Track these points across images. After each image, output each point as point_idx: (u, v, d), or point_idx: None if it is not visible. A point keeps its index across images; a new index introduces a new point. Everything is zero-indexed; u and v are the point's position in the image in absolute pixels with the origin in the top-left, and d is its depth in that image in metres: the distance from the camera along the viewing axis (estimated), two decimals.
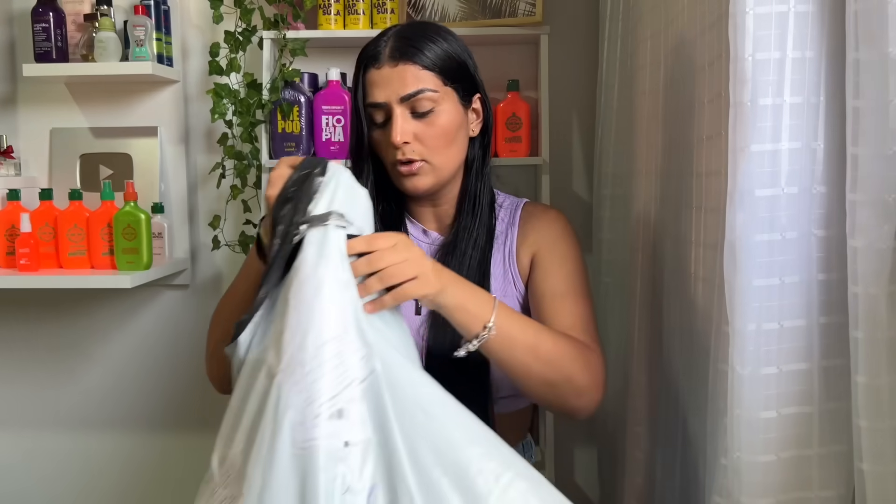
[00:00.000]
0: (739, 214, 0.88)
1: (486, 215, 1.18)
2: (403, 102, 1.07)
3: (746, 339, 0.89)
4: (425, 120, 1.09)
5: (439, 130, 1.09)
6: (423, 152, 1.10)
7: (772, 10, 0.85)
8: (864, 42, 0.78)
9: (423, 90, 1.07)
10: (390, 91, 1.07)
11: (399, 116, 1.07)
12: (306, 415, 0.76)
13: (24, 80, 1.92)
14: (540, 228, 1.20)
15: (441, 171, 1.12)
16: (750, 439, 0.90)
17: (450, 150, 1.12)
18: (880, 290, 0.79)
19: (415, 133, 1.08)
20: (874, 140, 0.78)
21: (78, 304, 2.06)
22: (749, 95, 0.86)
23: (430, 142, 1.09)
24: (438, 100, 1.09)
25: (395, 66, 1.07)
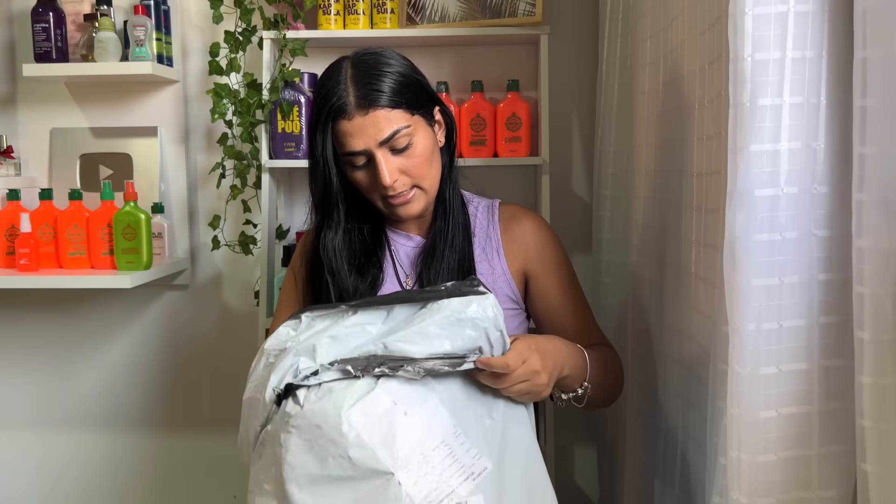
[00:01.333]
0: (739, 214, 0.88)
1: (460, 216, 1.23)
2: (383, 146, 1.11)
3: (746, 339, 0.89)
4: (405, 154, 1.13)
5: (420, 159, 1.14)
6: (413, 181, 1.15)
7: (771, 10, 0.85)
8: (873, 40, 0.77)
9: (398, 130, 1.11)
10: (368, 138, 1.10)
11: (382, 160, 1.11)
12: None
13: (24, 80, 1.92)
14: (526, 236, 1.25)
15: (431, 190, 1.18)
16: (749, 439, 0.90)
17: (433, 169, 1.17)
18: (886, 290, 0.78)
19: (399, 168, 1.12)
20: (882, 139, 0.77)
21: (78, 304, 2.06)
22: (748, 96, 0.86)
23: (415, 171, 1.14)
24: (412, 132, 1.13)
25: (365, 115, 1.10)
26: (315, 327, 1.02)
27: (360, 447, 0.90)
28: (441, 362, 0.95)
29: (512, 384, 0.99)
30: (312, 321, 1.04)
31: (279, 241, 1.95)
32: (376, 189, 1.15)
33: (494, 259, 1.24)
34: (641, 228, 1.45)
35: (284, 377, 0.97)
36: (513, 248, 1.24)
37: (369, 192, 1.17)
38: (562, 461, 2.03)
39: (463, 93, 1.92)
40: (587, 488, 2.08)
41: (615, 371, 1.23)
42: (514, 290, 1.25)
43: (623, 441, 1.54)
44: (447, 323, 0.96)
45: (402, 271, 1.24)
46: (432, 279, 1.18)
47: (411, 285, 1.23)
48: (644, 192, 1.44)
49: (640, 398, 1.44)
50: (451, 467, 0.92)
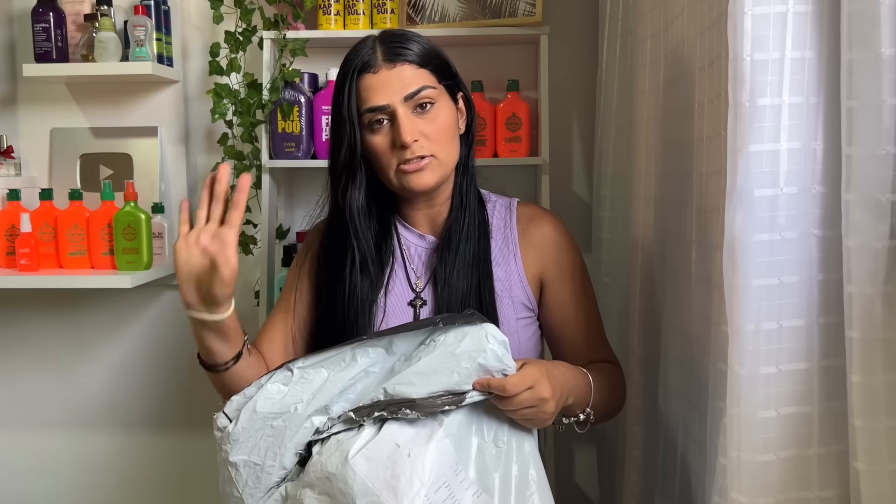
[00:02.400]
0: (739, 214, 0.88)
1: (477, 211, 1.19)
2: (407, 101, 1.08)
3: (745, 339, 0.89)
4: (428, 116, 1.09)
5: (442, 125, 1.10)
6: (431, 148, 1.10)
7: (770, 10, 0.85)
8: (858, 43, 0.78)
9: (424, 87, 1.08)
10: (392, 92, 1.08)
11: (404, 116, 1.08)
12: None
13: (25, 80, 1.92)
14: (545, 241, 1.21)
15: (446, 165, 1.13)
16: (749, 438, 0.90)
17: (452, 146, 1.13)
18: (875, 289, 0.79)
19: (420, 131, 1.09)
20: (868, 140, 0.78)
21: (78, 304, 2.06)
22: (748, 96, 0.86)
23: (435, 136, 1.10)
24: (437, 96, 1.10)
25: (392, 68, 1.08)
26: (312, 381, 1.00)
27: (364, 494, 0.91)
28: (442, 400, 0.95)
29: (517, 408, 0.97)
30: (305, 372, 1.01)
31: (279, 241, 1.95)
32: (394, 153, 1.10)
33: (511, 263, 1.19)
34: (641, 228, 1.45)
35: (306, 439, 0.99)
36: (530, 252, 1.20)
37: (385, 158, 1.11)
38: (562, 461, 2.03)
39: None
40: (587, 488, 2.08)
41: (618, 393, 1.21)
42: (530, 296, 1.20)
43: (623, 441, 1.54)
44: (443, 359, 0.95)
45: (413, 271, 1.20)
46: (447, 275, 1.14)
47: (422, 286, 1.18)
48: (644, 192, 1.44)
49: (640, 398, 1.44)
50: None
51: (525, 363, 1.00)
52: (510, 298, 1.17)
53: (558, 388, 1.01)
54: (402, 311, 1.17)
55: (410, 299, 1.17)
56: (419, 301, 1.17)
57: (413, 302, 1.17)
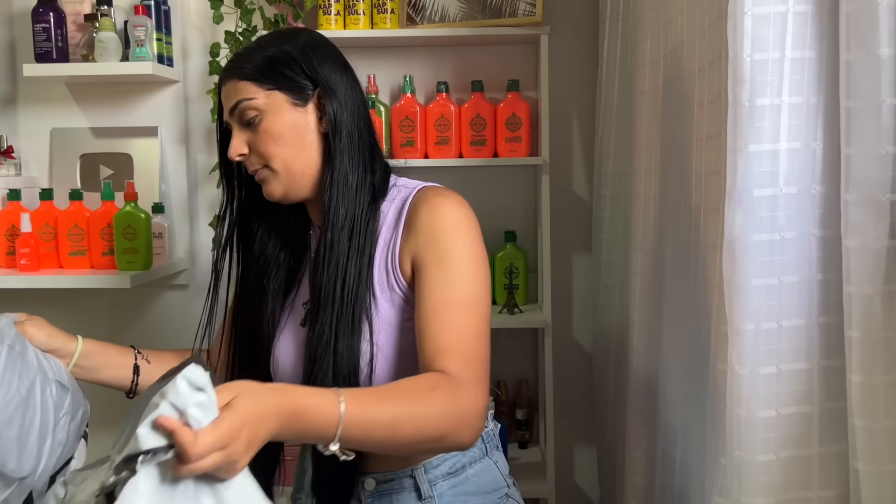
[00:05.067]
0: (738, 214, 0.88)
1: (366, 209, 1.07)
2: (233, 117, 1.06)
3: (745, 339, 0.89)
4: (252, 129, 1.06)
5: (265, 135, 1.05)
6: (259, 160, 1.06)
7: (770, 10, 0.85)
8: (856, 43, 0.78)
9: (239, 101, 1.05)
10: (225, 109, 1.08)
11: (235, 134, 1.06)
12: None
13: (25, 80, 1.92)
14: (420, 223, 1.04)
15: (284, 174, 1.06)
16: (749, 439, 0.90)
17: (286, 152, 1.05)
18: (875, 289, 0.79)
19: (248, 144, 1.06)
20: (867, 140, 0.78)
21: (78, 304, 2.06)
22: (747, 96, 0.86)
23: (260, 148, 1.05)
24: (259, 106, 1.05)
25: (224, 85, 1.07)
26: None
27: None
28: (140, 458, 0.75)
29: (201, 468, 0.74)
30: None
31: None
32: None
33: (389, 263, 1.06)
34: (641, 228, 1.45)
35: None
36: (406, 244, 1.05)
37: None
38: (562, 461, 2.03)
39: (463, 93, 1.92)
40: (587, 488, 2.08)
41: (431, 420, 0.89)
42: (408, 292, 1.05)
43: (623, 441, 1.54)
44: (149, 412, 0.78)
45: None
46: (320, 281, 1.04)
47: None
48: (644, 192, 1.44)
49: (640, 398, 1.44)
50: None
51: (227, 406, 0.76)
52: (391, 301, 1.05)
53: (262, 436, 0.78)
54: (298, 312, 1.13)
55: (306, 300, 1.12)
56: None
57: (307, 303, 1.11)
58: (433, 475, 1.07)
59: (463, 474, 1.08)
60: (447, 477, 1.08)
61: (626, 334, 1.54)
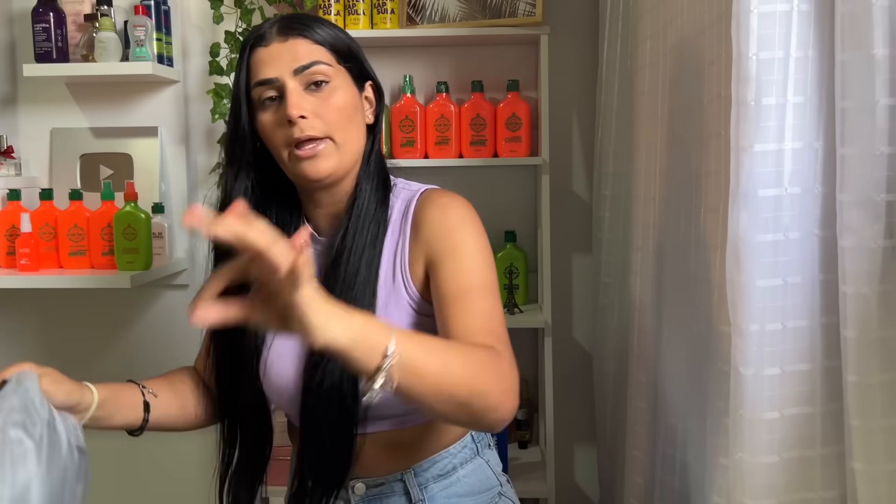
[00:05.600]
0: (743, 214, 0.88)
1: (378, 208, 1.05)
2: (297, 76, 0.98)
3: (749, 340, 0.88)
4: (320, 94, 0.99)
5: (337, 106, 1.00)
6: (324, 128, 0.99)
7: (776, 8, 0.84)
8: (850, 44, 0.78)
9: (317, 62, 0.99)
10: (281, 65, 0.98)
11: (293, 91, 0.98)
12: None
13: (25, 80, 1.92)
14: (430, 223, 1.03)
15: (344, 150, 1.01)
16: (753, 440, 0.90)
17: (351, 130, 1.02)
18: (871, 289, 0.79)
19: (312, 109, 0.98)
20: (862, 140, 0.78)
21: (78, 304, 2.06)
22: (753, 95, 0.85)
23: (329, 116, 0.99)
24: (332, 75, 1.00)
25: (285, 42, 0.99)
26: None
27: None
28: None
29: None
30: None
31: None
32: (282, 131, 0.99)
33: (398, 267, 1.04)
34: (641, 228, 1.45)
35: None
36: (415, 242, 1.04)
37: (275, 138, 1.00)
38: (562, 461, 2.03)
39: (463, 93, 1.92)
40: (587, 488, 2.08)
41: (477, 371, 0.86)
42: (413, 292, 1.03)
43: (623, 441, 1.54)
44: None
45: None
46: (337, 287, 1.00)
47: None
48: (644, 192, 1.44)
49: (640, 398, 1.44)
50: None
51: None
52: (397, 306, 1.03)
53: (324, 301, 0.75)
54: None
55: None
56: None
57: None
58: (423, 478, 1.06)
59: (454, 475, 1.07)
60: (438, 479, 1.06)
61: (626, 334, 1.53)
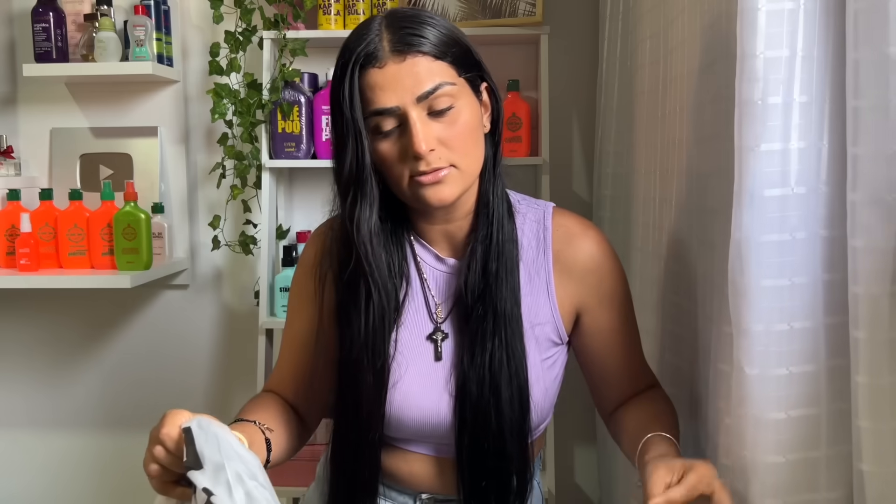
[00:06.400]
0: (747, 214, 0.87)
1: (507, 223, 1.00)
2: (420, 103, 0.89)
3: (755, 341, 0.88)
4: (445, 119, 0.91)
5: (464, 130, 0.92)
6: (450, 157, 0.91)
7: (783, 6, 0.84)
8: (864, 41, 0.77)
9: (441, 84, 0.89)
10: (403, 91, 0.88)
11: (418, 120, 0.89)
12: None
13: (24, 80, 1.92)
14: (586, 265, 1.03)
15: (469, 175, 0.94)
16: (758, 441, 0.89)
17: (475, 151, 0.95)
18: (882, 290, 0.78)
19: (438, 137, 0.90)
20: (874, 140, 0.77)
21: (78, 304, 2.06)
22: (759, 94, 0.85)
23: (455, 143, 0.91)
24: (457, 94, 0.91)
25: (402, 62, 0.88)
26: None
27: None
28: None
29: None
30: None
31: (279, 241, 1.95)
32: (406, 163, 0.91)
33: (542, 294, 1.01)
34: (641, 228, 1.45)
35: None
36: (566, 280, 1.01)
37: (396, 169, 0.92)
38: (562, 461, 2.03)
39: None
40: (587, 488, 2.08)
41: (675, 415, 1.06)
42: (562, 332, 1.03)
43: None
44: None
45: (432, 299, 1.02)
46: (473, 302, 0.97)
47: (444, 316, 1.02)
48: (644, 192, 1.44)
49: None
50: None
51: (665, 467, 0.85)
52: (534, 336, 1.00)
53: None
54: (420, 346, 1.00)
55: (429, 332, 1.01)
56: (440, 334, 1.01)
57: (433, 336, 1.01)
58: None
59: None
60: None
61: None
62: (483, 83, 0.98)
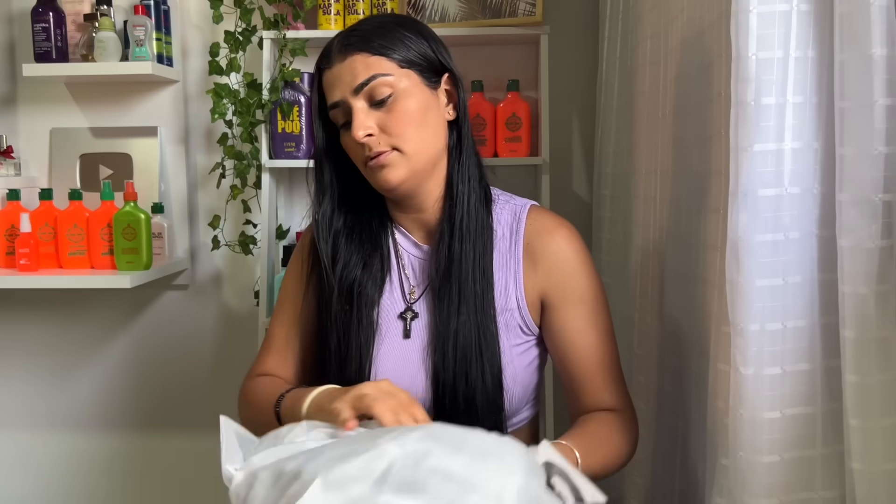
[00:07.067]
0: (742, 214, 0.88)
1: (478, 210, 1.06)
2: (358, 94, 1.00)
3: (750, 340, 0.88)
4: (385, 107, 1.00)
5: (403, 116, 1.00)
6: (391, 141, 1.00)
7: (776, 8, 0.84)
8: (849, 43, 0.78)
9: (374, 76, 0.99)
10: (343, 86, 1.00)
11: (358, 110, 0.99)
12: None
13: (24, 80, 1.92)
14: (552, 258, 1.07)
15: (414, 158, 1.02)
16: (753, 440, 0.90)
17: (421, 135, 1.02)
18: (869, 289, 0.79)
19: (378, 124, 1.00)
20: (860, 140, 0.78)
21: (78, 304, 2.06)
22: (752, 94, 0.85)
23: (394, 129, 1.00)
24: (395, 83, 1.00)
25: (344, 60, 1.00)
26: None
27: None
28: None
29: None
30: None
31: (279, 241, 1.95)
32: (358, 151, 1.02)
33: (511, 283, 1.06)
34: (641, 228, 1.45)
35: None
36: (532, 270, 1.07)
37: (354, 155, 1.04)
38: None
39: None
40: None
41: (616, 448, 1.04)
42: (529, 321, 1.08)
43: None
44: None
45: (406, 280, 1.10)
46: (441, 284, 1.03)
47: (416, 297, 1.09)
48: (644, 192, 1.44)
49: (641, 398, 1.44)
50: None
51: None
52: (504, 321, 1.06)
53: None
54: (392, 323, 1.08)
55: (401, 311, 1.08)
56: (410, 313, 1.08)
57: (403, 314, 1.08)
58: None
59: None
60: None
61: (626, 334, 1.53)
62: (445, 74, 1.06)
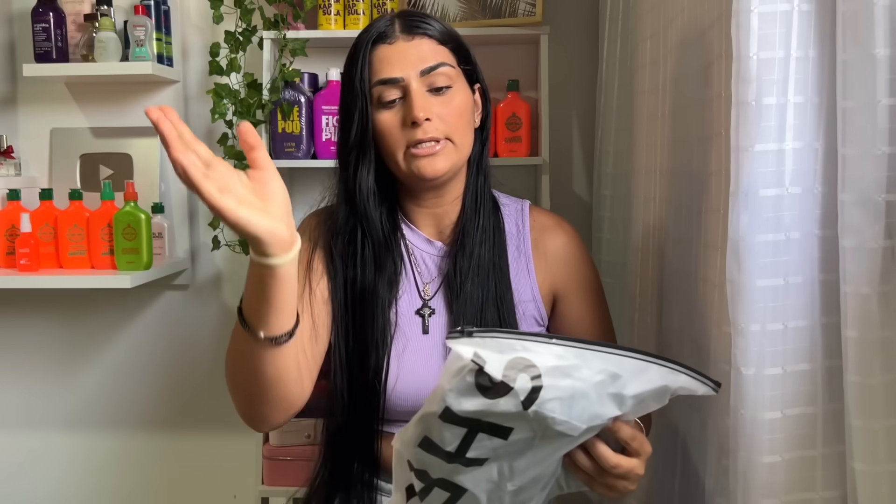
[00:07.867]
0: (743, 214, 0.88)
1: (492, 214, 1.10)
2: (423, 77, 1.00)
3: (751, 340, 0.88)
4: (443, 97, 1.02)
5: (458, 109, 1.03)
6: (446, 130, 1.01)
7: (777, 8, 0.84)
8: (852, 43, 0.78)
9: (442, 63, 1.01)
10: (407, 65, 1.00)
11: (418, 91, 1.00)
12: None
13: (24, 80, 1.92)
14: (558, 253, 1.13)
15: (462, 153, 1.05)
16: (754, 440, 0.90)
17: (468, 132, 1.06)
18: (872, 289, 0.79)
19: (436, 111, 1.01)
20: (863, 140, 0.78)
21: (78, 304, 2.06)
22: (753, 94, 0.85)
23: (450, 119, 1.01)
24: (454, 78, 1.03)
25: (410, 40, 1.01)
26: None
27: None
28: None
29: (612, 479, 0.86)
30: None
31: None
32: (403, 133, 1.01)
33: (524, 276, 1.10)
34: (641, 228, 1.45)
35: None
36: (542, 264, 1.12)
37: (394, 138, 1.02)
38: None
39: None
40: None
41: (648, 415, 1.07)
42: (542, 312, 1.12)
43: None
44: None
45: (419, 277, 1.10)
46: (462, 283, 1.05)
47: (431, 293, 1.09)
48: (644, 193, 1.44)
49: None
50: None
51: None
52: (522, 313, 1.09)
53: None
54: (410, 319, 1.08)
55: (418, 307, 1.09)
56: (427, 310, 1.09)
57: (421, 311, 1.09)
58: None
59: None
60: None
61: (626, 334, 1.53)
62: (477, 84, 1.10)
